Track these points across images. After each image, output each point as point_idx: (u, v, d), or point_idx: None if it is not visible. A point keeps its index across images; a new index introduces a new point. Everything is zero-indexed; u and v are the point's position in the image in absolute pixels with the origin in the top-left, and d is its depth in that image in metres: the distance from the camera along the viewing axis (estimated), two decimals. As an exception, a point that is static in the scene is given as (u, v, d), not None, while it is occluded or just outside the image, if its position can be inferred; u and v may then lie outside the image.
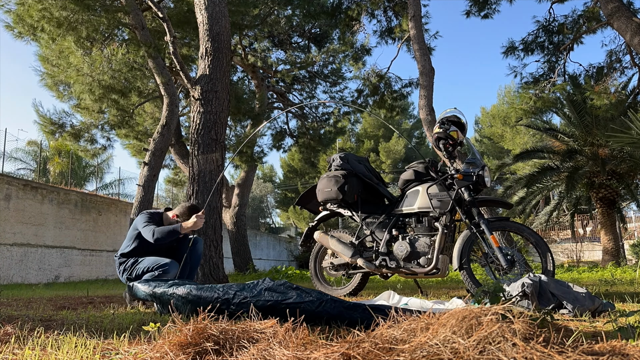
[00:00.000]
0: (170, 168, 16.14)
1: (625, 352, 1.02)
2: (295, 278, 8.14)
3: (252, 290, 2.03)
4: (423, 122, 9.43)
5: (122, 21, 8.87)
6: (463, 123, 3.66)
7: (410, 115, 30.57)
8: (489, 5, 12.05)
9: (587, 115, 11.37)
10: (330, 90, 15.04)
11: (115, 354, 1.42)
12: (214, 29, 6.04)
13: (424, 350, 1.01)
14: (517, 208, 13.30)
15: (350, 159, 3.84)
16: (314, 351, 1.10)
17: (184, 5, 9.70)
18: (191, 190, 5.63)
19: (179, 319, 1.36)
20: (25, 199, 9.90)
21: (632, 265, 10.23)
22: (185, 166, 11.38)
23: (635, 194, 11.99)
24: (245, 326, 1.38)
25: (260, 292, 2.00)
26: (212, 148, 5.74)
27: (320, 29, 13.58)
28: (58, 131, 12.20)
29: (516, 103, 15.21)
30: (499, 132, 27.16)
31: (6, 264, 9.22)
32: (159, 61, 8.90)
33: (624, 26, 7.97)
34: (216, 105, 5.90)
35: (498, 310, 1.11)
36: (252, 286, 2.06)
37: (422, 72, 9.49)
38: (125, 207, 13.36)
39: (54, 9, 7.94)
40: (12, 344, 1.55)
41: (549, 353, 0.94)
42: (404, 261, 3.41)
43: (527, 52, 12.25)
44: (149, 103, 12.13)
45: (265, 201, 36.23)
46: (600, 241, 13.45)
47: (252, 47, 13.82)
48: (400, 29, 12.59)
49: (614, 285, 4.35)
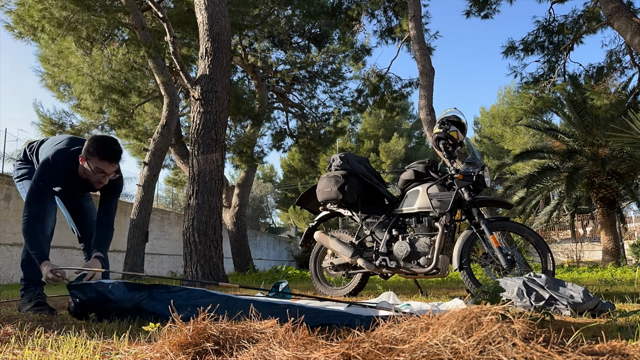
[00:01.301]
0: (170, 168, 16.15)
1: (625, 352, 1.02)
2: (295, 278, 8.14)
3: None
4: (423, 122, 9.43)
5: (122, 21, 8.87)
6: (463, 123, 3.66)
7: (410, 115, 30.59)
8: (489, 5, 12.05)
9: (587, 115, 11.37)
10: (330, 90, 15.04)
11: (115, 354, 1.42)
12: (214, 29, 6.04)
13: (424, 350, 1.01)
14: (517, 208, 13.30)
15: (350, 159, 3.84)
16: (314, 351, 1.10)
17: (184, 5, 9.70)
18: (191, 190, 5.63)
19: (179, 319, 1.36)
20: (25, 199, 9.89)
21: (632, 265, 10.23)
22: (185, 166, 11.39)
23: (635, 194, 12.00)
24: (245, 326, 1.38)
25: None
26: (212, 148, 5.74)
27: (320, 29, 13.58)
28: (58, 131, 12.20)
29: (516, 103, 15.20)
30: (499, 132, 27.17)
31: (6, 264, 9.23)
32: (159, 61, 8.90)
33: (624, 26, 7.97)
34: (216, 105, 5.90)
35: (498, 310, 1.11)
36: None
37: (422, 72, 9.49)
38: (125, 207, 13.36)
39: (54, 9, 7.95)
40: (12, 344, 1.55)
41: (549, 353, 0.94)
42: (404, 261, 3.41)
43: (527, 52, 12.25)
44: (149, 103, 12.13)
45: (265, 201, 36.24)
46: (600, 241, 13.46)
47: (252, 47, 13.82)
48: (400, 29, 12.59)
49: (614, 285, 4.35)
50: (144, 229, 8.68)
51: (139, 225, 8.65)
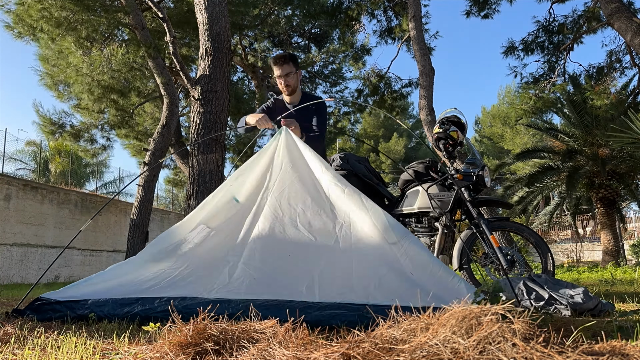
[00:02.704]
0: (170, 168, 16.15)
1: (625, 352, 1.02)
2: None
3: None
4: (423, 122, 9.43)
5: (122, 21, 8.87)
6: (463, 123, 3.66)
7: (410, 115, 30.58)
8: (489, 5, 12.06)
9: (587, 115, 11.37)
10: (330, 90, 15.03)
11: (115, 354, 1.42)
12: (214, 29, 6.04)
13: (424, 350, 1.01)
14: (518, 208, 13.29)
15: (350, 159, 3.83)
16: (313, 351, 1.10)
17: (184, 5, 9.70)
18: (191, 190, 5.63)
19: (179, 319, 1.36)
20: (25, 199, 9.90)
21: (632, 265, 10.23)
22: (185, 166, 11.38)
23: (635, 194, 12.00)
24: (245, 326, 1.38)
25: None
26: (212, 148, 5.74)
27: (320, 29, 13.58)
28: (58, 131, 12.20)
29: (516, 103, 15.22)
30: (499, 132, 27.16)
31: (6, 264, 9.22)
32: (159, 61, 8.90)
33: (624, 26, 7.97)
34: (216, 105, 5.90)
35: (498, 310, 1.11)
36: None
37: (422, 72, 9.49)
38: (125, 207, 13.36)
39: (53, 9, 7.94)
40: (12, 344, 1.55)
41: (549, 353, 0.94)
42: (404, 261, 3.40)
43: (527, 52, 12.25)
44: (149, 103, 12.13)
45: (265, 201, 36.15)
46: (600, 241, 13.46)
47: (252, 47, 13.82)
48: (400, 29, 12.59)
49: (614, 285, 4.35)
50: (144, 229, 8.68)
51: (139, 225, 8.65)
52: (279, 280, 2.11)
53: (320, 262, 2.14)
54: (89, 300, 2.19)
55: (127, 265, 2.39)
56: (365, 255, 2.12)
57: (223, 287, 2.12)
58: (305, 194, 2.38)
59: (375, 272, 2.06)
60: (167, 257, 2.31)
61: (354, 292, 1.99)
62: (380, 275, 2.04)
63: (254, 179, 2.51)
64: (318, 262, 2.14)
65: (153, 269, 2.28)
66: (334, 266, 2.11)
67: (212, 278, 2.17)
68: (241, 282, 2.12)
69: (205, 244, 2.34)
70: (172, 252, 2.33)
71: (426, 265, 2.07)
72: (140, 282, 2.24)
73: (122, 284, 2.26)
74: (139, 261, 2.36)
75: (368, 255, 2.12)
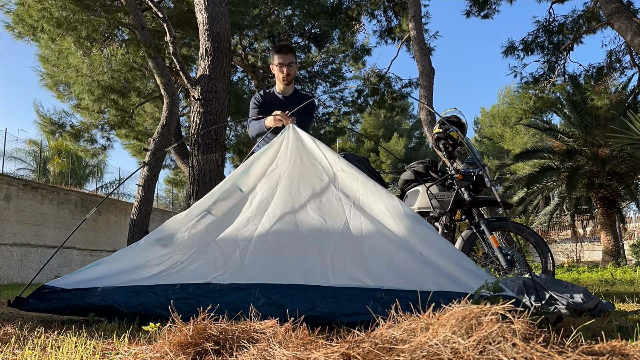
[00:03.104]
0: (170, 168, 16.14)
1: (625, 352, 1.02)
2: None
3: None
4: (423, 122, 9.44)
5: (122, 21, 8.87)
6: (463, 123, 3.66)
7: (410, 115, 30.58)
8: (489, 5, 12.05)
9: (587, 115, 11.37)
10: (330, 90, 15.03)
11: (115, 354, 1.42)
12: (214, 29, 6.04)
13: (423, 350, 1.01)
14: (518, 208, 13.30)
15: (350, 159, 3.83)
16: (313, 351, 1.10)
17: (184, 5, 9.70)
18: (191, 190, 5.63)
19: (179, 319, 1.36)
20: (25, 199, 9.90)
21: (632, 265, 10.23)
22: (185, 166, 11.38)
23: (635, 194, 12.01)
24: (245, 326, 1.38)
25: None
26: (212, 148, 5.74)
27: (320, 29, 13.58)
28: (58, 131, 12.20)
29: (516, 103, 15.22)
30: (499, 132, 27.16)
31: (6, 264, 9.22)
32: (159, 61, 8.90)
33: (624, 26, 7.97)
34: (216, 105, 5.90)
35: (498, 310, 1.11)
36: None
37: (422, 72, 9.49)
38: (125, 207, 13.36)
39: (53, 9, 7.94)
40: (12, 344, 1.55)
41: (549, 353, 0.94)
42: (404, 261, 3.41)
43: (527, 52, 12.25)
44: (149, 103, 12.13)
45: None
46: (600, 241, 13.46)
47: (252, 47, 13.82)
48: (400, 29, 12.59)
49: (614, 285, 4.35)
50: (144, 229, 8.68)
51: (139, 225, 8.65)
52: (293, 264, 2.12)
53: (332, 244, 2.15)
54: (99, 288, 2.13)
55: (131, 250, 2.36)
56: (378, 238, 2.14)
57: (236, 270, 2.11)
58: (316, 182, 2.40)
59: (387, 254, 2.08)
60: (173, 243, 2.29)
61: (367, 275, 2.01)
62: (392, 256, 2.07)
63: (260, 170, 2.53)
64: (330, 245, 2.15)
65: (159, 253, 2.25)
66: (346, 249, 2.13)
67: (224, 261, 2.16)
68: (254, 265, 2.12)
69: (213, 230, 2.32)
70: (179, 237, 2.31)
71: (439, 247, 2.09)
72: (149, 266, 2.21)
73: (130, 270, 2.22)
74: (144, 246, 2.33)
75: (380, 238, 2.14)
